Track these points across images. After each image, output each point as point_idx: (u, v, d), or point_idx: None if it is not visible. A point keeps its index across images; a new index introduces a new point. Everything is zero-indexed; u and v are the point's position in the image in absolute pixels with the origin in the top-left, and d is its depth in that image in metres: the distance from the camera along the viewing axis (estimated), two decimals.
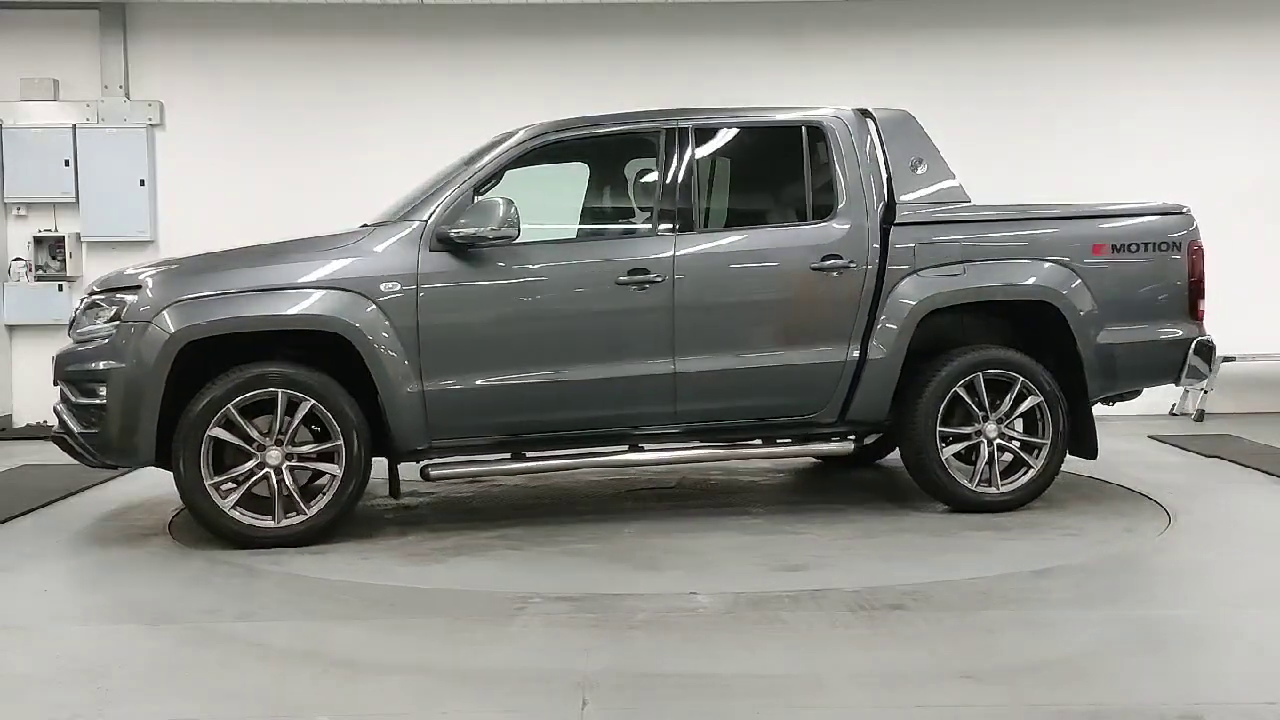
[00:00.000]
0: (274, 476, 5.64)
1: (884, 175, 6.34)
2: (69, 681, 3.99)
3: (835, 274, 6.15)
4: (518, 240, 5.82)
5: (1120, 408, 9.96)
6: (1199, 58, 10.34)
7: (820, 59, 10.27)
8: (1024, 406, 6.31)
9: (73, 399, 5.69)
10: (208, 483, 5.59)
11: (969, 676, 3.88)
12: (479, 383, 5.79)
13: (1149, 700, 3.65)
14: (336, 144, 10.08)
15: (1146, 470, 7.52)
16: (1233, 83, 10.31)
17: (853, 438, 6.59)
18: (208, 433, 5.57)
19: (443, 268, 5.78)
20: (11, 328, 10.24)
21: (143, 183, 10.11)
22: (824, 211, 6.28)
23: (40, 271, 10.15)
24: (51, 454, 5.92)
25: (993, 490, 6.28)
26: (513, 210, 5.72)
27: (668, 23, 10.23)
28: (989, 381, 6.28)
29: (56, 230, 10.17)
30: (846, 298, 6.16)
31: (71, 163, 10.08)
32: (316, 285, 5.69)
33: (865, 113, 6.54)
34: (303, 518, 5.67)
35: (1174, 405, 10.33)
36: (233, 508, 5.62)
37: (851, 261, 6.16)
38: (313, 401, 5.62)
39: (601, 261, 6.00)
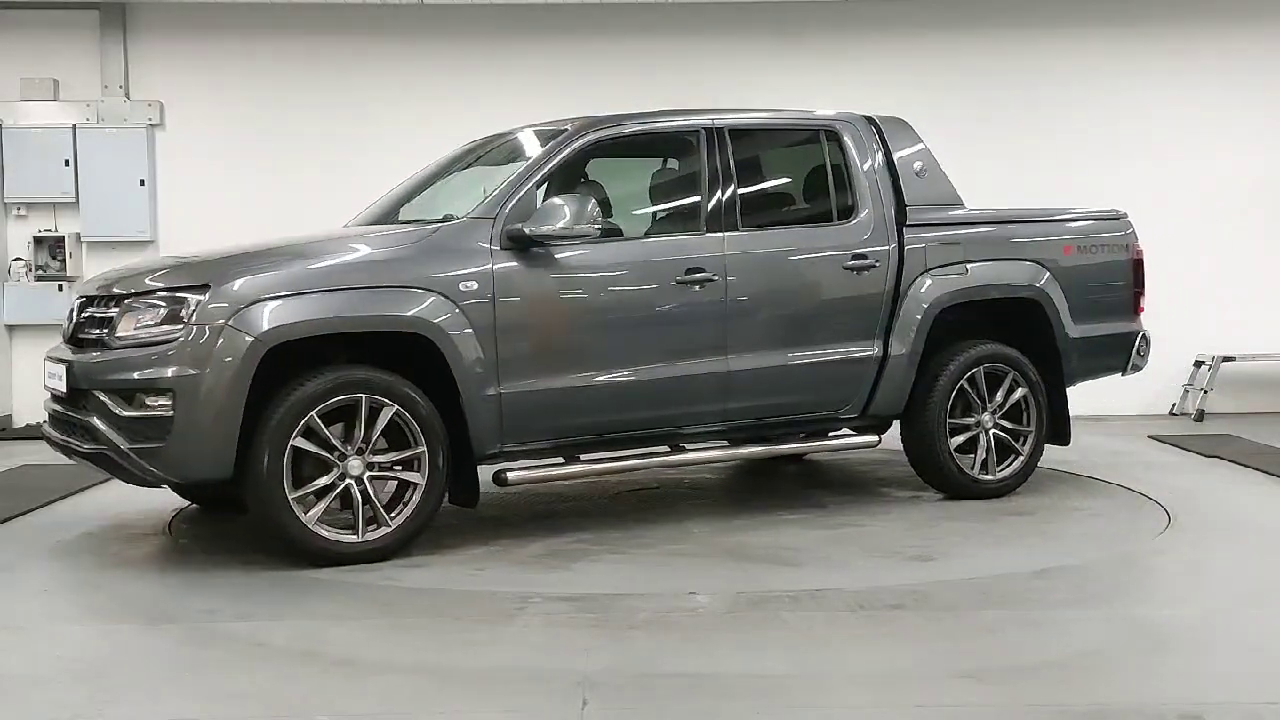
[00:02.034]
0: (355, 488, 5.29)
1: (892, 178, 6.59)
2: (69, 681, 3.99)
3: (864, 273, 6.38)
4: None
5: (1121, 407, 10.10)
6: (1199, 58, 10.33)
7: (820, 59, 10.27)
8: (1014, 398, 6.68)
9: (119, 412, 5.10)
10: (291, 497, 5.18)
11: (969, 676, 3.88)
12: (554, 384, 5.65)
13: (1149, 700, 3.65)
14: (336, 144, 10.08)
15: (1146, 470, 7.52)
16: (1233, 83, 10.30)
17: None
18: (290, 443, 5.16)
19: (516, 266, 5.58)
20: (11, 328, 10.23)
21: (143, 183, 10.10)
22: (846, 213, 6.51)
23: (40, 271, 10.15)
24: (51, 454, 5.83)
25: (990, 477, 6.63)
26: (593, 207, 5.59)
27: (668, 23, 10.23)
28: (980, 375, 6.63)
29: (56, 230, 10.16)
30: (873, 296, 6.41)
31: (71, 163, 10.06)
32: (399, 284, 5.37)
33: (868, 118, 6.77)
34: (387, 530, 5.33)
35: (1174, 405, 10.33)
36: (316, 523, 5.24)
37: (876, 261, 6.41)
38: (396, 407, 5.29)
39: (663, 260, 5.96)
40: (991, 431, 6.62)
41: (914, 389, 6.51)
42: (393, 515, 5.36)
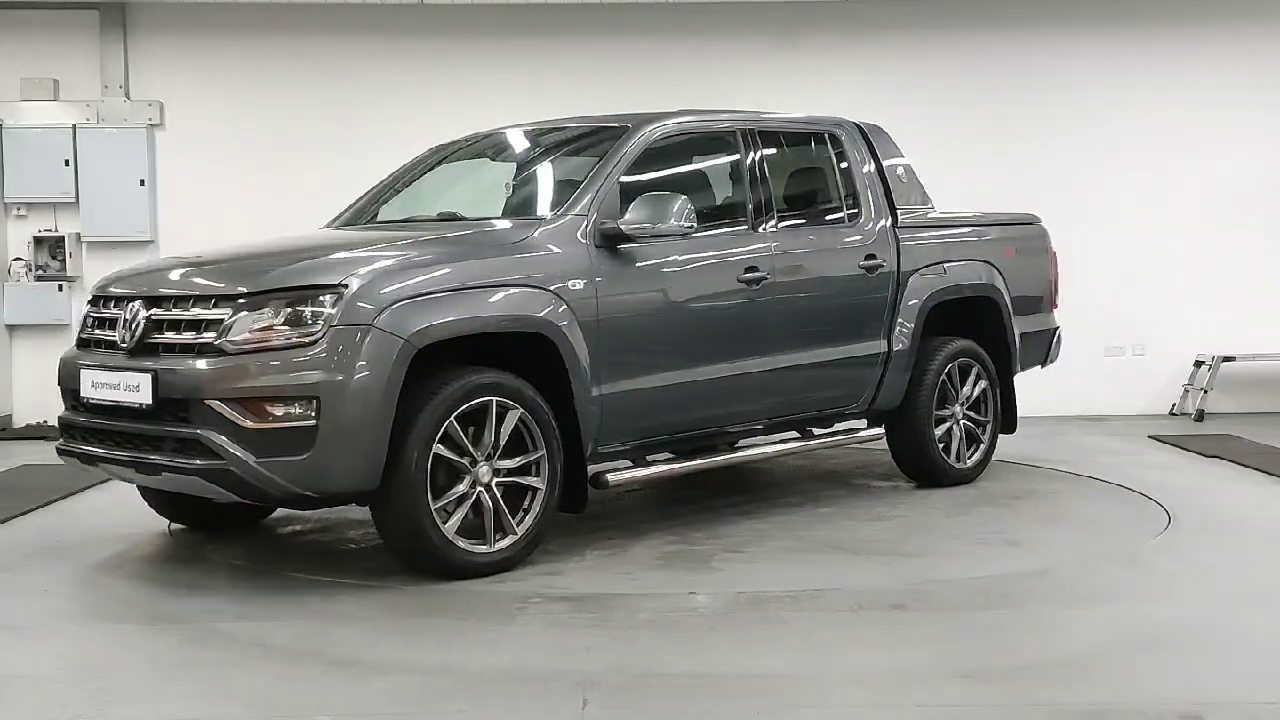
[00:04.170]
0: (485, 495, 5.05)
1: (883, 182, 6.86)
2: (69, 681, 3.99)
3: (874, 272, 6.62)
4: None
5: (1121, 408, 10.11)
6: (1199, 58, 10.32)
7: (820, 60, 10.26)
8: (978, 390, 7.12)
9: (245, 424, 4.65)
10: (435, 507, 4.90)
11: (969, 676, 3.88)
12: (644, 384, 5.59)
13: (1149, 700, 3.65)
14: (337, 143, 10.06)
15: (1146, 470, 7.51)
16: (1232, 83, 10.28)
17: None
18: (432, 450, 4.89)
19: (612, 266, 5.49)
20: (11, 328, 10.23)
21: (143, 183, 10.09)
22: (853, 215, 6.71)
23: (40, 271, 10.14)
24: (51, 454, 5.77)
25: (962, 465, 7.03)
26: (683, 204, 5.53)
27: (668, 23, 10.22)
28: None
29: (56, 230, 10.15)
30: (880, 294, 6.67)
31: (71, 163, 10.05)
32: (519, 284, 5.19)
33: (855, 123, 7.01)
34: (514, 538, 5.12)
35: (1174, 405, 10.33)
36: (455, 534, 4.98)
37: (883, 261, 6.66)
38: (521, 410, 5.10)
39: (728, 259, 6.00)
40: (962, 422, 7.03)
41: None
42: (518, 523, 5.16)
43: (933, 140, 9.96)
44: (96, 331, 5.38)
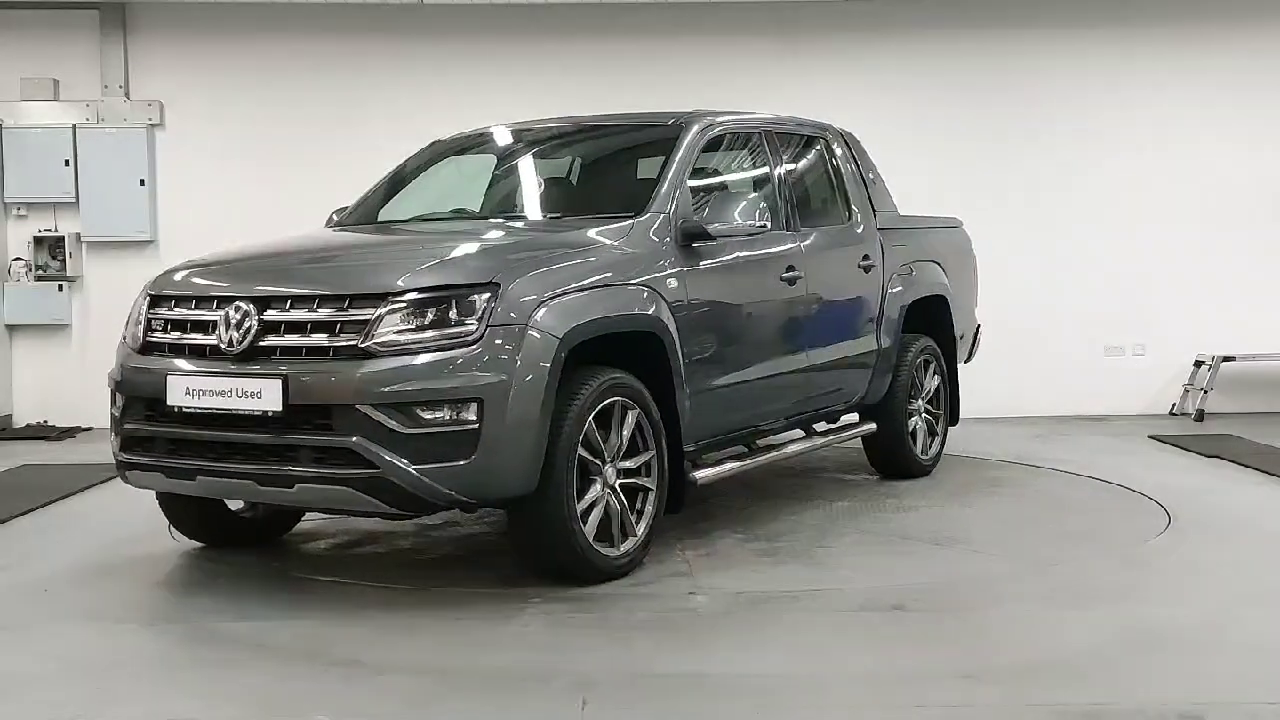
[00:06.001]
0: (612, 498, 4.95)
1: (865, 186, 7.06)
2: (69, 681, 3.99)
3: (869, 271, 6.82)
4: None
5: (1121, 407, 10.10)
6: (1200, 57, 10.31)
7: (819, 60, 10.26)
8: (934, 384, 7.39)
9: (400, 429, 4.44)
10: (580, 510, 4.78)
11: (969, 676, 3.88)
12: (717, 382, 5.55)
13: (1149, 700, 3.66)
14: (337, 144, 10.06)
15: (1146, 470, 7.51)
16: (1233, 82, 10.27)
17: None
18: (576, 452, 4.75)
19: (689, 262, 5.44)
20: (11, 328, 10.22)
21: (143, 183, 10.08)
22: (848, 216, 6.88)
23: (40, 271, 10.14)
24: (51, 454, 5.78)
25: (925, 457, 7.31)
26: (759, 203, 5.62)
27: (668, 23, 10.21)
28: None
29: (56, 230, 10.14)
30: (874, 293, 6.87)
31: (71, 163, 10.05)
32: (631, 282, 5.13)
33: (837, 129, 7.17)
34: (635, 540, 5.03)
35: (1174, 405, 10.32)
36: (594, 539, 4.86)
37: (875, 262, 6.88)
38: (639, 410, 5.04)
39: (774, 257, 6.05)
40: (923, 415, 7.28)
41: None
42: (638, 525, 5.08)
43: (932, 140, 9.99)
44: (174, 335, 4.97)
